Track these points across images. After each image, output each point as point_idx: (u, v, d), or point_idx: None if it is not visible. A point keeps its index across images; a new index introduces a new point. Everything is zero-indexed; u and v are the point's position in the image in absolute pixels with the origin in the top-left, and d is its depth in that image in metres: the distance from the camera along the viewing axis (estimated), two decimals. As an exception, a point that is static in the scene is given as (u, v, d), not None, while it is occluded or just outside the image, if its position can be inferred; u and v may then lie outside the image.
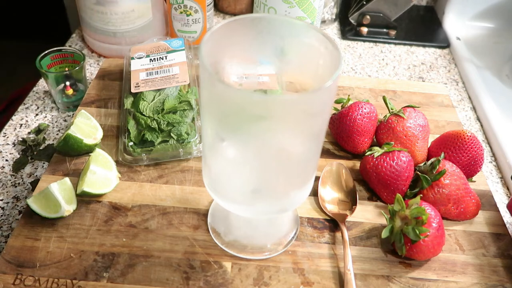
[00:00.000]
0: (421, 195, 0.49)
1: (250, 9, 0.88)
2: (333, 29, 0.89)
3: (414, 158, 0.53)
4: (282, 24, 0.38)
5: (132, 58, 0.62)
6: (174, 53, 0.62)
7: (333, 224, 0.49)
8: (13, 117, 0.64)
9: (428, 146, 0.56)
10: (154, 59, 0.61)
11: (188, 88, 0.58)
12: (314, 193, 0.52)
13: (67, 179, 0.49)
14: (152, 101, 0.55)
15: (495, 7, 0.89)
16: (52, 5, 1.47)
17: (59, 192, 0.47)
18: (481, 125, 0.69)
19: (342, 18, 0.90)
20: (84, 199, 0.49)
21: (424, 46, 0.86)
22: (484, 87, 0.73)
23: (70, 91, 0.64)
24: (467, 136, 0.52)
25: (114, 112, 0.61)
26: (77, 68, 0.62)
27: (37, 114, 0.65)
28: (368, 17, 0.84)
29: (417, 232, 0.43)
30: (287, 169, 0.38)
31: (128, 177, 0.53)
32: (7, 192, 0.53)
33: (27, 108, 0.66)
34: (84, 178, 0.48)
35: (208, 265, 0.45)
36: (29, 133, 0.61)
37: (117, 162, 0.53)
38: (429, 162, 0.50)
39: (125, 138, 0.54)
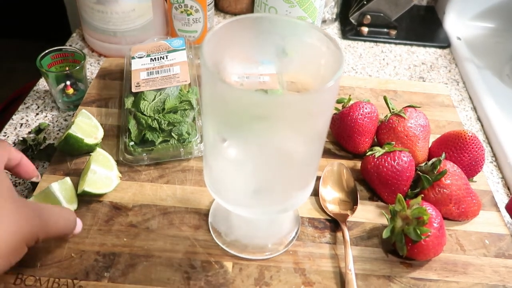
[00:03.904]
0: (422, 195, 0.49)
1: (250, 8, 0.88)
2: (334, 29, 0.89)
3: (415, 158, 0.53)
4: (284, 24, 0.38)
5: (133, 58, 0.62)
6: (174, 53, 0.62)
7: (334, 224, 0.49)
8: (14, 117, 0.64)
9: (429, 146, 0.56)
10: (155, 58, 0.61)
11: (189, 87, 0.58)
12: (315, 193, 0.52)
13: (67, 179, 0.49)
14: (152, 100, 0.55)
15: (496, 7, 0.89)
16: (52, 5, 1.47)
17: (60, 192, 0.47)
18: (482, 125, 0.69)
19: (343, 18, 0.90)
20: (85, 199, 0.49)
21: (424, 46, 0.86)
22: (484, 87, 0.73)
23: (70, 91, 0.64)
24: (468, 136, 0.52)
25: (114, 112, 0.61)
26: (78, 67, 0.62)
27: (37, 114, 0.65)
28: (368, 17, 0.84)
29: (418, 232, 0.43)
30: (288, 170, 0.38)
31: (128, 176, 0.52)
32: (7, 191, 0.53)
33: (27, 107, 0.66)
34: (84, 178, 0.48)
35: (209, 265, 0.45)
36: (29, 132, 0.61)
37: (118, 162, 0.53)
38: (430, 162, 0.50)
39: (125, 137, 0.54)
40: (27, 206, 0.37)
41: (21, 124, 0.63)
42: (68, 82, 0.64)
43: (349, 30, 0.87)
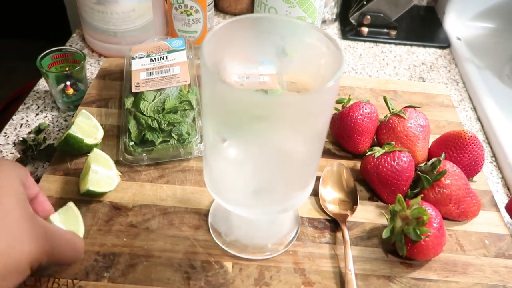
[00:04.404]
0: (422, 195, 0.49)
1: (250, 9, 0.88)
2: (334, 29, 0.89)
3: (415, 158, 0.53)
4: (284, 24, 0.38)
5: (133, 58, 0.62)
6: (174, 53, 0.62)
7: (334, 224, 0.49)
8: (14, 117, 0.64)
9: (429, 146, 0.56)
10: (155, 59, 0.61)
11: (189, 88, 0.58)
12: (315, 193, 0.52)
13: (70, 204, 0.45)
14: (152, 101, 0.55)
15: (496, 7, 0.89)
16: (52, 5, 1.47)
17: (63, 224, 0.42)
18: (482, 125, 0.69)
19: (343, 18, 0.90)
20: (85, 199, 0.49)
21: (424, 46, 0.86)
22: (484, 87, 0.73)
23: (70, 91, 0.64)
24: (467, 136, 0.52)
25: (114, 112, 0.61)
26: (78, 67, 0.62)
27: (37, 114, 0.65)
28: (368, 17, 0.84)
29: (418, 232, 0.43)
30: (288, 170, 0.38)
31: (128, 177, 0.52)
32: (7, 191, 0.53)
33: (27, 107, 0.66)
34: (86, 178, 0.48)
35: (209, 265, 0.45)
36: (29, 132, 0.61)
37: (118, 162, 0.53)
38: (430, 162, 0.50)
39: (125, 138, 0.54)
40: (40, 226, 0.34)
41: (21, 124, 0.63)
42: (68, 83, 0.64)
43: (349, 30, 0.87)
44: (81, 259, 0.39)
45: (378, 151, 0.51)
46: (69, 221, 0.43)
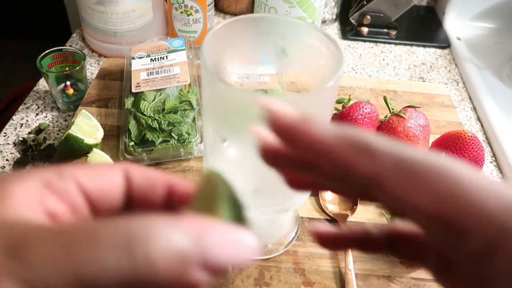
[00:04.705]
0: (422, 195, 0.49)
1: (250, 9, 0.88)
2: (334, 29, 0.89)
3: (415, 158, 0.53)
4: (284, 24, 0.38)
5: (133, 58, 0.62)
6: (174, 53, 0.62)
7: (334, 224, 0.49)
8: (14, 117, 0.64)
9: (429, 146, 0.56)
10: (155, 59, 0.61)
11: (189, 88, 0.58)
12: (315, 193, 0.52)
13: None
14: (153, 101, 0.55)
15: (496, 7, 0.89)
16: (52, 5, 1.47)
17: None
18: (482, 125, 0.69)
19: (343, 18, 0.90)
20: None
21: (424, 46, 0.86)
22: (484, 87, 0.73)
23: (70, 91, 0.64)
24: (467, 136, 0.52)
25: (114, 112, 0.61)
26: (78, 67, 0.62)
27: (37, 114, 0.65)
28: (368, 17, 0.84)
29: (418, 232, 0.42)
30: (288, 169, 0.38)
31: (128, 177, 0.52)
32: (7, 191, 0.53)
33: (27, 107, 0.66)
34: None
35: (209, 265, 0.44)
36: (29, 133, 0.61)
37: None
38: (430, 162, 0.50)
39: (126, 138, 0.54)
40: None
41: (21, 124, 0.63)
42: (68, 82, 0.64)
43: (349, 30, 0.87)
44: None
45: (378, 151, 0.51)
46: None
